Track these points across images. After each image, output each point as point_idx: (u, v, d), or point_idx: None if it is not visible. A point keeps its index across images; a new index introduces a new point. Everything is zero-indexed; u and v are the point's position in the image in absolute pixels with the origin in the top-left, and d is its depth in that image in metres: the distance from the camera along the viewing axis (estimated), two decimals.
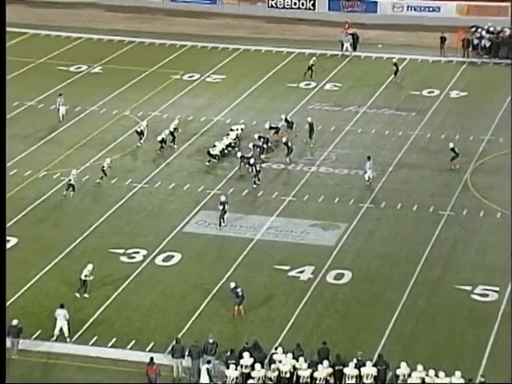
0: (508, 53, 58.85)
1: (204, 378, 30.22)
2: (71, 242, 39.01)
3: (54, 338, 32.62)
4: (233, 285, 34.12)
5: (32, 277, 36.50)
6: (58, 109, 50.39)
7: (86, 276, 34.86)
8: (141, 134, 47.65)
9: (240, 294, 33.79)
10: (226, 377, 29.91)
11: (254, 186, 42.90)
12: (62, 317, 32.62)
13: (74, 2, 71.27)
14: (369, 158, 43.62)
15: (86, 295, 34.87)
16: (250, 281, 36.22)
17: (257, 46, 62.19)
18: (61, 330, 32.67)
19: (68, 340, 32.62)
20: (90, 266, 35.03)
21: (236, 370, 29.74)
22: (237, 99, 53.70)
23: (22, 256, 38.02)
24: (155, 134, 47.77)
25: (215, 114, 51.75)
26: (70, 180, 42.48)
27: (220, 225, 39.71)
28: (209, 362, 30.34)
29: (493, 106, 51.88)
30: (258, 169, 43.23)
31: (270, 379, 29.76)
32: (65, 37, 64.33)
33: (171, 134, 47.40)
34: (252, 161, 43.71)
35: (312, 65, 55.39)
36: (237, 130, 47.60)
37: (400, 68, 56.33)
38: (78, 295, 34.88)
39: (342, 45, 60.81)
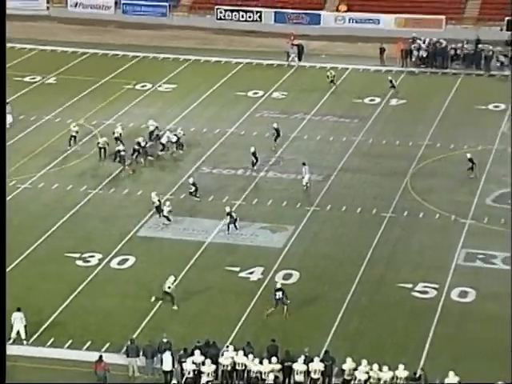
0: (443, 62, 59.54)
1: (167, 365, 30.11)
2: (28, 246, 38.58)
3: (11, 340, 32.19)
4: (278, 286, 33.88)
5: None
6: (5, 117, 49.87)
7: (169, 288, 34.09)
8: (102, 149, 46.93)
9: (278, 297, 33.37)
10: (183, 369, 29.82)
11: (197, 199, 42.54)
12: (18, 320, 32.23)
13: (28, 15, 70.58)
14: (304, 163, 43.77)
15: (175, 307, 34.08)
16: (202, 282, 36.15)
17: (206, 56, 62.15)
18: (18, 332, 32.26)
19: (25, 342, 32.23)
20: (171, 278, 34.33)
21: (192, 363, 29.69)
22: (188, 108, 53.60)
23: None
24: (110, 143, 47.44)
25: (167, 122, 51.55)
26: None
27: (228, 232, 39.23)
28: (170, 350, 30.20)
29: (430, 113, 52.42)
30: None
31: (223, 367, 29.71)
32: (19, 48, 63.69)
33: (117, 140, 46.86)
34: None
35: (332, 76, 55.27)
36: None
37: (343, 77, 56.76)
38: (174, 307, 34.12)
39: (288, 55, 61.03)
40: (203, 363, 29.73)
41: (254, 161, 44.71)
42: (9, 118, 49.98)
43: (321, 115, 52.33)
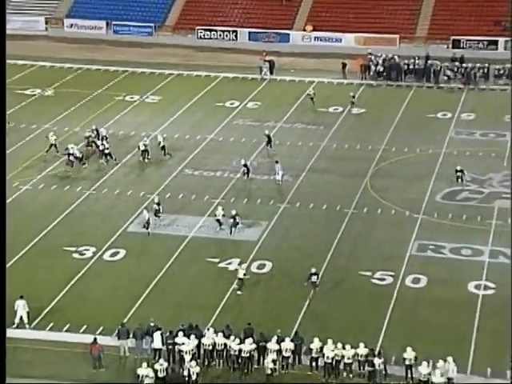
0: (398, 76, 59.72)
1: (157, 343, 29.98)
2: (29, 241, 38.26)
3: (15, 325, 31.92)
4: (313, 270, 33.85)
5: None
6: None
7: (244, 275, 34.07)
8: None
9: (313, 281, 33.58)
10: (179, 343, 29.78)
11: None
12: (21, 307, 31.95)
13: (28, 35, 70.06)
14: (277, 162, 43.86)
15: (239, 292, 34.04)
16: (186, 272, 36.03)
17: (188, 71, 61.94)
18: (21, 318, 31.99)
19: (27, 327, 31.95)
20: (244, 266, 34.54)
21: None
22: (172, 116, 53.38)
23: None
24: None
25: (154, 129, 51.32)
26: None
27: (231, 233, 38.58)
28: (159, 329, 30.06)
29: (387, 121, 52.52)
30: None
31: (205, 347, 29.66)
32: (21, 64, 63.18)
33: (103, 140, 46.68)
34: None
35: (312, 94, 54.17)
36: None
37: (310, 89, 56.87)
38: (239, 292, 34.04)
39: (261, 70, 60.97)
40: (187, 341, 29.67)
41: (246, 170, 43.69)
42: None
43: (290, 123, 52.30)
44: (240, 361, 29.71)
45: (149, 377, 28.35)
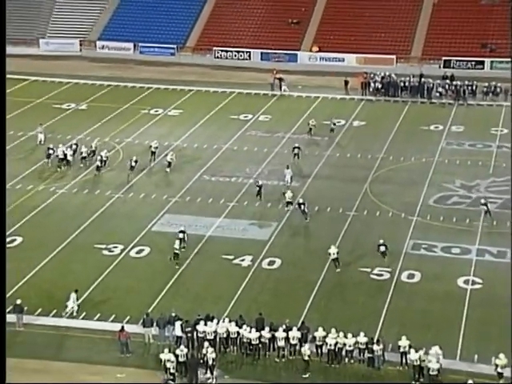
0: (394, 92, 59.57)
1: (178, 331, 30.04)
2: (64, 239, 38.37)
3: (67, 314, 31.91)
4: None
5: (34, 267, 35.84)
6: (37, 135, 49.48)
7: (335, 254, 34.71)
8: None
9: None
10: (197, 331, 29.86)
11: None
12: (72, 299, 32.05)
13: (64, 55, 70.35)
14: (288, 166, 44.11)
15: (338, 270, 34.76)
16: (203, 268, 36.01)
17: (206, 87, 61.99)
18: (72, 309, 32.09)
19: (75, 314, 32.00)
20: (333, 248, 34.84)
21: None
22: (192, 128, 53.44)
23: (26, 252, 37.30)
24: (130, 157, 47.33)
25: (175, 139, 51.40)
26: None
27: (306, 219, 39.06)
28: (180, 319, 30.10)
29: (384, 132, 52.34)
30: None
31: (220, 335, 29.66)
32: (58, 82, 63.44)
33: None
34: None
35: (312, 125, 51.06)
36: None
37: (315, 104, 56.84)
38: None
39: (272, 86, 60.97)
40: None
41: (258, 190, 41.77)
42: (41, 137, 49.73)
43: (298, 134, 52.24)
44: (252, 348, 29.65)
45: (170, 361, 28.35)
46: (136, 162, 45.05)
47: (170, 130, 53.39)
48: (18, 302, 31.57)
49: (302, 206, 39.61)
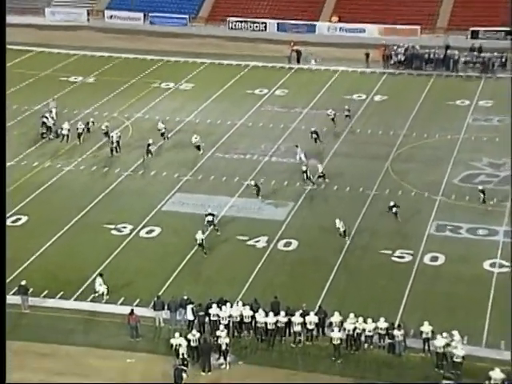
0: (419, 65, 59.08)
1: (189, 315, 30.22)
2: (71, 218, 38.53)
3: (104, 300, 32.18)
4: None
5: (40, 247, 36.04)
6: (51, 110, 49.53)
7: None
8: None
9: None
10: (209, 315, 30.01)
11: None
12: (98, 284, 32.22)
13: (71, 25, 70.28)
14: (296, 146, 44.02)
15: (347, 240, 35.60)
16: (217, 249, 36.06)
17: (220, 60, 61.75)
18: (102, 293, 32.27)
19: (106, 298, 32.20)
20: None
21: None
22: (204, 103, 53.31)
23: (31, 231, 37.52)
24: (140, 132, 47.35)
25: (187, 115, 51.33)
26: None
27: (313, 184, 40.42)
28: (192, 303, 30.26)
29: (408, 108, 52.00)
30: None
31: (233, 318, 29.76)
32: (64, 53, 63.41)
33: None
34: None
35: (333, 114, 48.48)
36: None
37: (334, 77, 56.54)
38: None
39: (289, 59, 60.63)
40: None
41: (257, 190, 40.22)
42: (54, 112, 49.75)
43: (316, 109, 51.99)
44: (267, 333, 29.73)
45: (182, 346, 28.47)
46: (149, 145, 44.44)
47: (181, 104, 53.30)
48: (23, 282, 31.81)
49: (306, 174, 40.71)
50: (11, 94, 53.60)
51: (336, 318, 29.73)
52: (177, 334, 28.92)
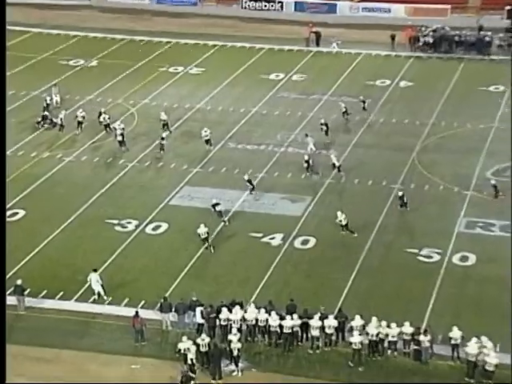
0: (448, 48, 58.87)
1: (199, 318, 30.36)
2: (72, 213, 38.76)
3: (97, 298, 32.33)
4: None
5: (38, 244, 36.29)
6: (51, 98, 49.74)
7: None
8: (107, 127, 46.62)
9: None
10: (220, 319, 30.10)
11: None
12: (95, 281, 32.37)
13: (71, 4, 70.49)
14: (306, 135, 44.26)
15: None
16: (228, 246, 36.18)
17: (232, 42, 61.78)
18: (98, 293, 32.45)
19: (105, 298, 32.33)
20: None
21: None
22: (216, 89, 53.39)
23: (29, 226, 37.79)
24: (145, 120, 47.54)
25: (197, 101, 51.44)
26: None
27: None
28: (202, 305, 30.42)
29: (436, 94, 51.86)
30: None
31: (246, 321, 29.90)
32: (64, 35, 63.65)
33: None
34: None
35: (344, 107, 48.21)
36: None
37: (356, 61, 56.45)
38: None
39: (307, 42, 60.57)
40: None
41: (251, 187, 40.19)
42: (56, 98, 50.02)
43: (336, 96, 51.94)
44: (282, 337, 29.83)
45: (190, 351, 28.60)
46: (163, 139, 44.50)
47: (191, 90, 53.40)
48: (19, 282, 32.05)
49: (308, 165, 40.80)
50: (8, 78, 53.76)
51: (357, 321, 29.77)
52: (185, 338, 29.09)
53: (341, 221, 36.37)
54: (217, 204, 37.78)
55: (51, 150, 45.23)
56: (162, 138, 44.48)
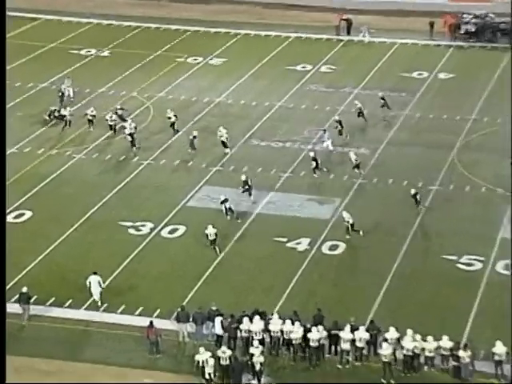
0: (492, 36, 58.54)
1: (218, 329, 30.43)
2: (82, 215, 38.94)
3: (99, 303, 32.57)
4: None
5: (45, 248, 36.49)
6: (63, 91, 50.02)
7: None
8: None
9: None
10: (241, 330, 30.13)
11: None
12: (96, 283, 32.56)
13: None
14: (324, 131, 44.36)
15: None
16: (251, 252, 36.20)
17: (256, 30, 61.86)
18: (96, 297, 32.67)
19: (99, 304, 32.55)
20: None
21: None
22: (237, 81, 53.48)
23: (36, 228, 38.02)
24: (161, 115, 47.70)
25: (217, 95, 51.54)
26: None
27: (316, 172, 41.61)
28: (222, 314, 30.47)
29: (478, 87, 51.62)
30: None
31: (270, 333, 29.88)
32: (75, 22, 64.05)
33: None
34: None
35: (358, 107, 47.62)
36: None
37: (391, 51, 56.31)
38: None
39: (337, 30, 60.48)
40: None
41: (248, 188, 39.68)
42: (69, 91, 50.25)
43: (368, 89, 51.83)
44: (308, 351, 29.79)
45: (208, 364, 28.61)
46: (195, 137, 44.32)
47: (211, 82, 53.54)
48: (24, 289, 32.18)
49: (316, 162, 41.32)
50: (14, 69, 54.35)
51: (392, 334, 29.65)
52: (202, 349, 29.09)
53: (348, 221, 36.41)
54: (225, 200, 37.91)
55: (60, 147, 45.50)
56: (194, 137, 44.18)
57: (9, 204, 39.27)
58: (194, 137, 44.44)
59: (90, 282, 32.70)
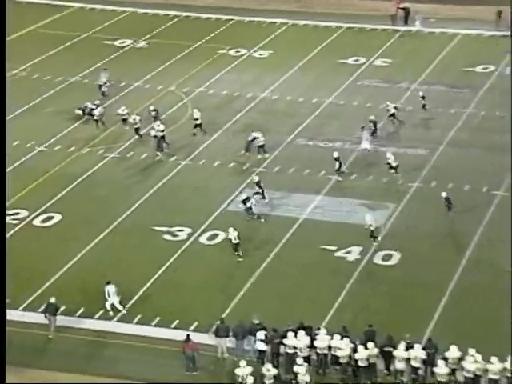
0: None
1: (260, 344, 30.47)
2: (114, 218, 39.22)
3: (111, 313, 32.87)
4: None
5: (76, 253, 36.80)
6: (101, 84, 50.49)
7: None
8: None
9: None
10: (285, 345, 30.12)
11: None
12: (112, 292, 32.88)
13: None
14: (362, 128, 44.23)
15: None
16: (296, 260, 36.17)
17: (305, 20, 61.85)
18: (112, 306, 32.92)
19: (124, 311, 32.89)
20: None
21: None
22: (284, 75, 53.52)
23: (65, 233, 38.36)
24: (201, 111, 47.86)
25: (261, 90, 51.64)
26: None
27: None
28: (264, 328, 30.53)
29: None
30: None
31: (317, 350, 29.85)
32: (110, 10, 64.61)
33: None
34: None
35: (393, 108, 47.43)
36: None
37: (453, 43, 55.94)
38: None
39: (393, 20, 60.28)
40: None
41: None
42: (105, 89, 50.68)
43: (428, 84, 51.53)
44: (359, 370, 29.68)
45: (249, 380, 28.60)
46: (255, 138, 43.97)
47: (255, 76, 53.64)
48: (53, 300, 32.40)
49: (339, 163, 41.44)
50: (41, 62, 54.98)
51: (452, 353, 29.37)
52: (243, 363, 29.11)
53: (371, 225, 36.47)
54: (247, 199, 37.87)
55: (92, 145, 45.87)
56: (254, 138, 43.86)
57: (37, 206, 39.72)
58: (254, 138, 43.92)
59: (108, 291, 32.95)
